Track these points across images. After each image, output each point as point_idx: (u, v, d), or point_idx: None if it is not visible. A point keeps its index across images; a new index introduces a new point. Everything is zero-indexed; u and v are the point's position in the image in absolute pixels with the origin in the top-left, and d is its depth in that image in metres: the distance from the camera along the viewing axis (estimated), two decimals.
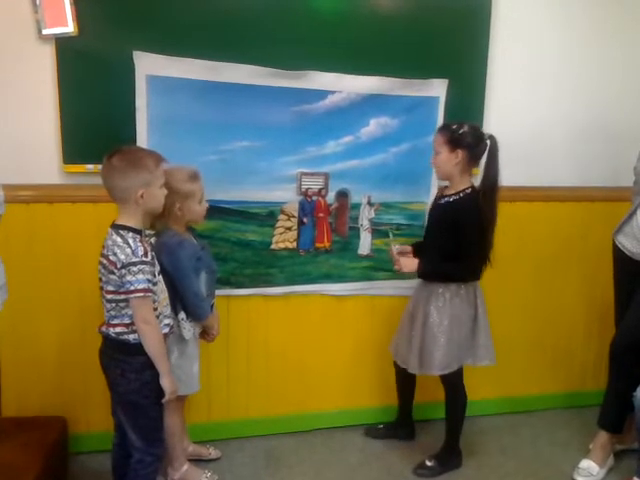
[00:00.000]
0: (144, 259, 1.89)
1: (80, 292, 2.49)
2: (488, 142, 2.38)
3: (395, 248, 2.56)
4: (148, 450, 2.04)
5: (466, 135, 2.36)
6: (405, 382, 2.79)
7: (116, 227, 1.93)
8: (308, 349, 2.86)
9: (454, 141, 2.36)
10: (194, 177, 2.23)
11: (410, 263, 2.48)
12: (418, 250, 2.60)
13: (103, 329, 2.00)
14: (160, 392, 1.99)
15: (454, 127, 2.38)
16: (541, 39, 2.90)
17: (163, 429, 2.11)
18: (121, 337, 1.95)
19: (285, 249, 2.72)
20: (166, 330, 2.04)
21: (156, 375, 1.97)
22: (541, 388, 3.22)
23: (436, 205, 2.52)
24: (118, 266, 1.87)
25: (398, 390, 2.86)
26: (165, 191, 2.00)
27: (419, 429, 2.91)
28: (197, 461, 2.58)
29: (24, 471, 2.11)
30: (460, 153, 2.36)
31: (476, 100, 2.82)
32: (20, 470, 2.11)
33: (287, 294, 2.77)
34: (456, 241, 2.37)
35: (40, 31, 2.32)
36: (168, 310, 2.08)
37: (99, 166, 2.34)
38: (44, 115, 2.41)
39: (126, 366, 1.96)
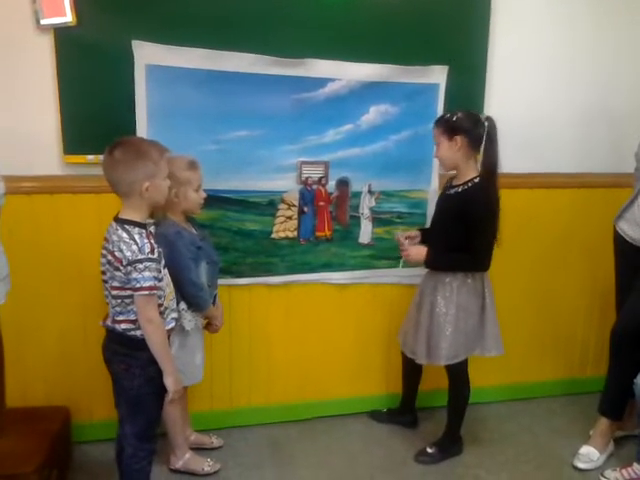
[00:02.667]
0: (150, 256, 1.85)
1: (82, 282, 2.50)
2: (486, 124, 2.38)
3: (400, 234, 2.58)
4: (140, 446, 2.04)
5: (461, 120, 2.37)
6: (412, 372, 2.81)
7: (121, 221, 1.89)
8: (310, 338, 2.87)
9: (450, 129, 2.37)
10: (193, 165, 2.24)
11: (418, 252, 2.49)
12: (425, 237, 2.61)
13: (108, 323, 1.97)
14: (164, 389, 1.98)
15: (447, 116, 2.40)
16: (541, 25, 2.89)
17: (158, 425, 2.11)
18: (128, 333, 1.93)
19: (286, 238, 2.72)
20: (172, 324, 2.03)
21: (161, 371, 1.95)
22: (541, 375, 3.23)
23: (445, 196, 2.52)
24: (124, 263, 1.84)
25: (404, 379, 2.88)
26: (169, 182, 1.98)
27: (422, 416, 2.93)
28: (199, 450, 2.60)
29: (28, 460, 2.13)
30: (459, 139, 2.36)
31: (477, 87, 2.81)
32: (24, 459, 2.14)
33: (288, 283, 2.77)
34: (465, 232, 2.38)
35: (38, 21, 2.30)
36: (174, 304, 2.07)
37: (100, 157, 2.34)
38: (44, 106, 2.40)
39: (132, 361, 1.95)
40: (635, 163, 2.60)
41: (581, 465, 2.64)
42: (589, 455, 2.65)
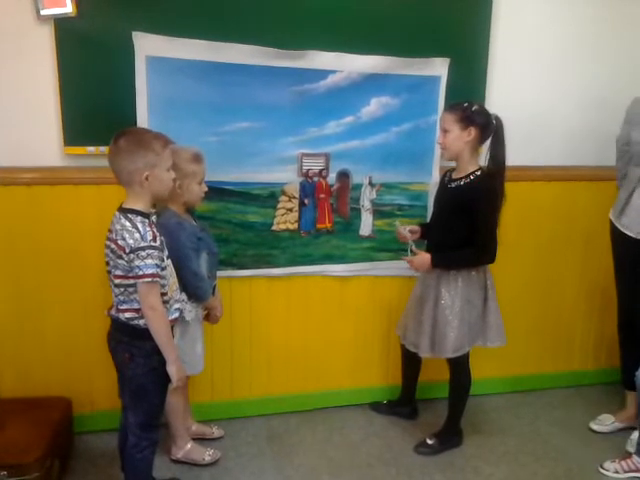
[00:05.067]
0: (153, 244, 1.87)
1: (83, 273, 2.50)
2: (494, 122, 2.37)
3: (402, 229, 2.57)
4: (143, 435, 2.05)
5: (478, 113, 2.36)
6: (411, 364, 2.82)
7: (124, 211, 1.90)
8: (310, 329, 2.88)
9: (466, 119, 2.35)
10: (198, 158, 2.25)
11: (422, 261, 2.47)
12: (426, 232, 2.61)
13: (112, 313, 1.99)
14: (167, 378, 1.99)
15: (465, 105, 2.37)
16: (543, 18, 2.88)
17: (161, 415, 2.12)
18: (131, 322, 1.94)
19: (286, 230, 2.72)
20: (176, 315, 2.04)
21: (164, 361, 1.96)
22: (542, 367, 3.24)
23: (446, 189, 2.50)
24: (127, 251, 1.85)
25: (403, 372, 2.89)
26: (173, 174, 1.98)
27: (422, 407, 2.94)
28: (200, 440, 2.61)
29: (30, 450, 2.15)
30: (473, 131, 2.35)
31: (478, 79, 2.81)
32: (26, 449, 2.15)
33: (289, 275, 2.77)
34: (470, 225, 2.37)
35: (38, 12, 2.30)
36: (178, 294, 2.08)
37: (100, 148, 2.37)
38: (44, 97, 2.40)
39: (135, 350, 1.96)
40: (616, 152, 2.65)
41: (594, 427, 2.79)
42: (604, 420, 2.80)
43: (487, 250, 2.41)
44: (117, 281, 1.92)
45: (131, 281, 1.89)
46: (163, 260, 1.94)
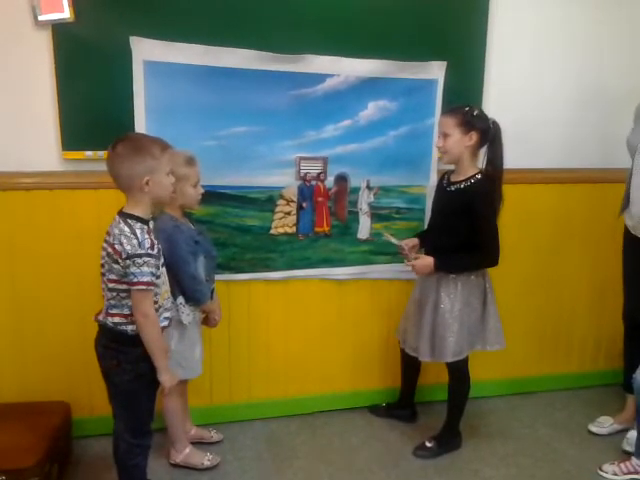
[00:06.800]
0: (150, 252, 1.86)
1: (81, 278, 2.50)
2: (492, 127, 2.38)
3: (404, 244, 2.56)
4: (134, 441, 2.04)
5: (479, 117, 2.36)
6: (410, 367, 2.82)
7: (124, 215, 1.90)
8: (309, 333, 2.88)
9: (467, 123, 2.35)
10: (190, 161, 2.25)
11: (424, 264, 2.46)
12: (424, 240, 2.61)
13: (100, 318, 1.98)
14: (155, 385, 1.98)
15: (466, 109, 2.37)
16: (540, 22, 2.89)
17: (152, 420, 2.09)
18: (119, 327, 1.93)
19: (284, 234, 2.73)
20: (165, 323, 2.03)
21: (152, 368, 1.94)
22: (540, 370, 3.24)
23: (445, 192, 2.50)
24: (123, 256, 1.85)
25: (403, 374, 2.88)
26: (173, 179, 1.97)
27: (421, 410, 2.94)
28: (199, 444, 2.61)
29: (29, 455, 2.14)
30: (474, 135, 2.36)
31: (475, 82, 2.81)
32: (25, 454, 2.15)
33: (287, 278, 2.78)
34: (470, 228, 2.37)
35: (36, 17, 2.31)
36: (169, 303, 2.07)
37: (98, 152, 2.38)
38: (42, 102, 2.40)
39: (122, 356, 1.95)
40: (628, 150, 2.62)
41: (593, 429, 2.80)
42: (602, 422, 2.80)
43: (491, 253, 2.41)
44: (110, 285, 1.92)
45: (124, 286, 1.89)
46: (159, 268, 1.94)
